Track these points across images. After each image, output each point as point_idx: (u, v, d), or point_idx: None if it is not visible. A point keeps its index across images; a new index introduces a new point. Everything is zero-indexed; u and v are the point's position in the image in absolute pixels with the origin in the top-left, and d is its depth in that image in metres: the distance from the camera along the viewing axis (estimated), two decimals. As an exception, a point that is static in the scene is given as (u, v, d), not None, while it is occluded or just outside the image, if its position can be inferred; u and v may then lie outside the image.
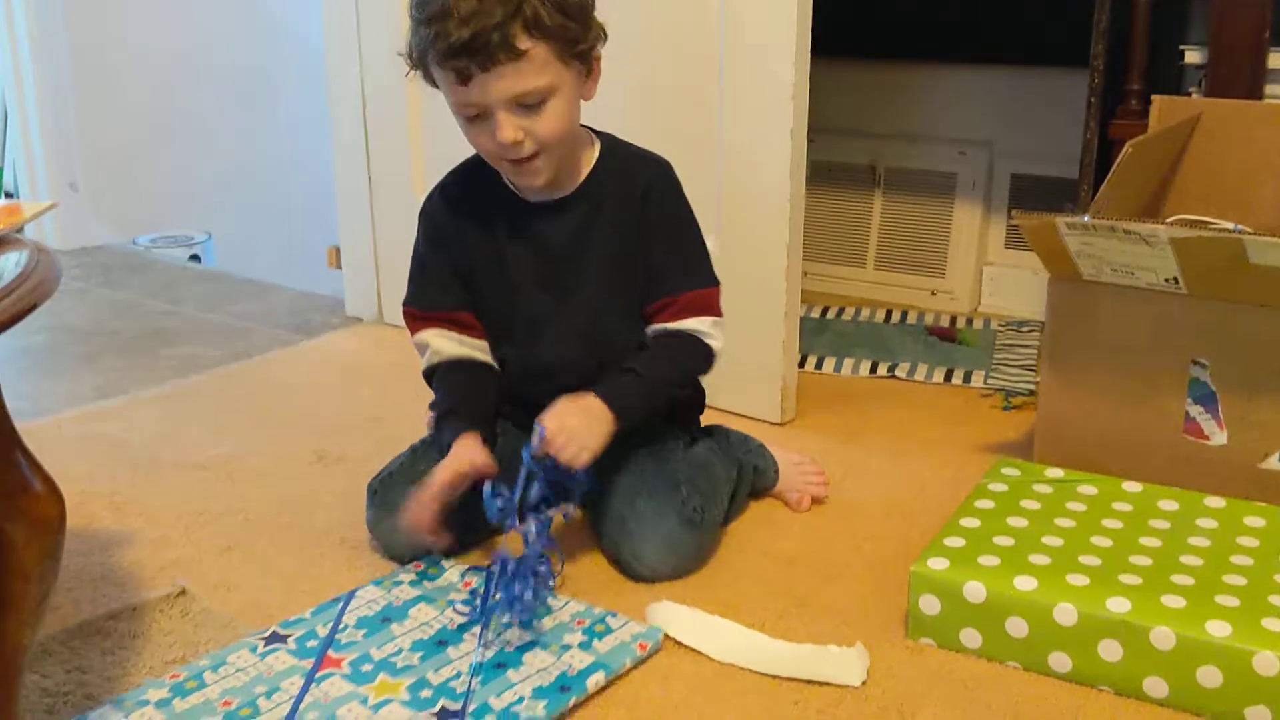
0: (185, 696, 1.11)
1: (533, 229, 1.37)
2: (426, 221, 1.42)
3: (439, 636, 1.21)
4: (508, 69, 1.21)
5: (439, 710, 1.09)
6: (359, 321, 2.29)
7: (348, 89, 2.17)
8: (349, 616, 1.24)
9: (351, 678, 1.14)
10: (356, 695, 1.12)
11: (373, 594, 1.28)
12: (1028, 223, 1.44)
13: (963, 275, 2.32)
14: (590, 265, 1.37)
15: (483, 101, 1.24)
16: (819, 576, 1.35)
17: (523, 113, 1.25)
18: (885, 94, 2.39)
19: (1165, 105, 1.71)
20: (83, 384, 2.00)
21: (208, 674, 1.14)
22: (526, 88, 1.23)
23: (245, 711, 1.09)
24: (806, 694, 1.14)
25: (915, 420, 1.80)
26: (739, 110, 1.70)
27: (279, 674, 1.15)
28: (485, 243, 1.39)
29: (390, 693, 1.12)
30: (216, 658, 1.17)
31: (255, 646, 1.19)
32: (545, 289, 1.38)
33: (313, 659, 1.17)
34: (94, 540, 1.44)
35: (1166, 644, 1.10)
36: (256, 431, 1.77)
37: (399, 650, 1.19)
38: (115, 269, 2.71)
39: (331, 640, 1.20)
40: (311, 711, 1.09)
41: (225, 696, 1.11)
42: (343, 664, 1.16)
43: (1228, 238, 1.33)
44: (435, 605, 1.27)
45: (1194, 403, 1.44)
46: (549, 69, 1.24)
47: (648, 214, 1.36)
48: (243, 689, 1.12)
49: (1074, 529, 1.27)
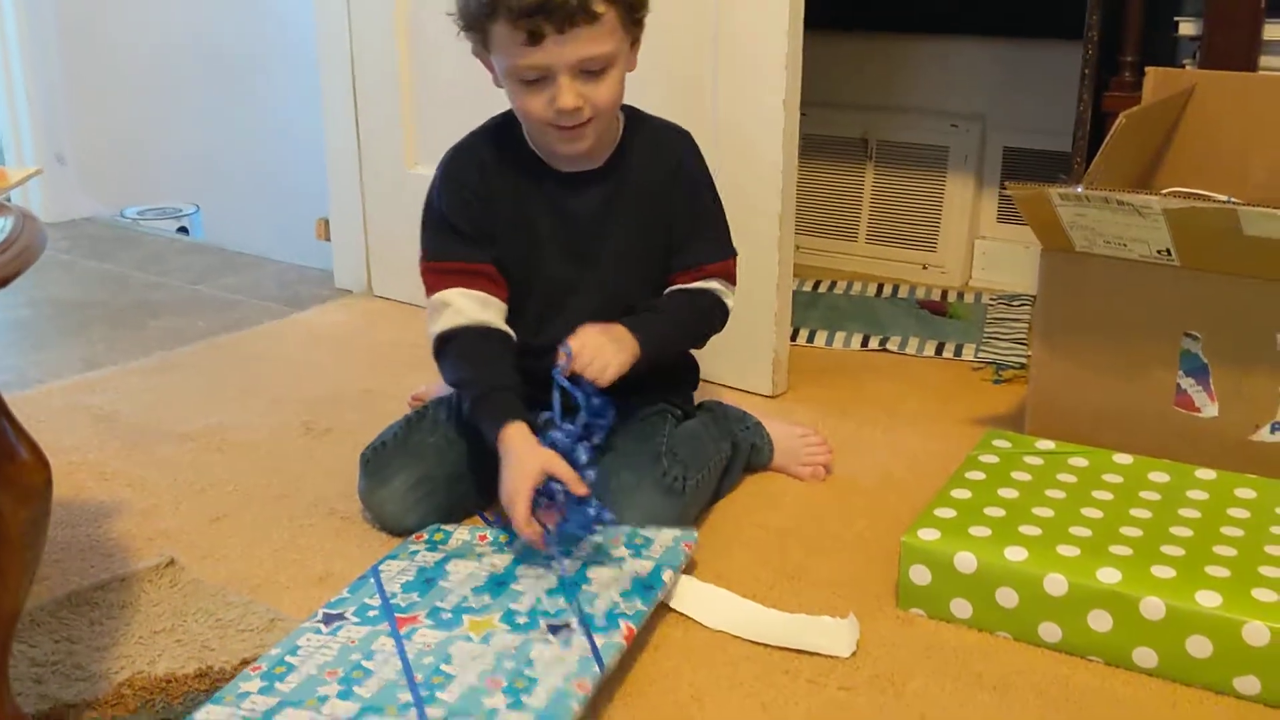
0: (283, 680, 1.06)
1: (560, 198, 1.37)
2: (450, 181, 1.38)
3: (496, 579, 1.23)
4: (582, 32, 1.22)
5: (547, 628, 1.13)
6: (348, 294, 2.28)
7: (338, 61, 2.15)
8: (389, 585, 1.22)
9: (438, 626, 1.14)
10: (457, 637, 1.12)
11: (398, 565, 1.26)
12: (1021, 193, 1.43)
13: (954, 249, 2.32)
14: (614, 235, 1.38)
15: (549, 64, 1.23)
16: (810, 548, 1.35)
17: (584, 79, 1.25)
18: (878, 67, 2.37)
19: (1159, 77, 1.70)
20: (70, 356, 1.99)
21: (288, 658, 1.09)
22: (596, 52, 1.24)
23: (357, 674, 1.07)
24: (797, 663, 1.14)
25: (906, 393, 1.80)
26: (732, 82, 1.69)
27: (363, 640, 1.12)
28: (511, 206, 1.38)
29: (487, 627, 1.14)
30: (286, 645, 1.11)
31: (318, 629, 1.14)
32: (569, 258, 1.38)
33: (385, 623, 1.15)
34: (82, 511, 1.43)
35: (1156, 614, 1.10)
36: (245, 403, 1.76)
37: (464, 597, 1.19)
38: (103, 241, 2.69)
39: (390, 604, 1.18)
40: (426, 657, 1.09)
41: (326, 669, 1.08)
42: (419, 618, 1.16)
43: (1221, 209, 1.33)
44: (468, 560, 1.27)
45: (1185, 375, 1.44)
46: (615, 35, 1.25)
47: (677, 187, 1.39)
48: (337, 659, 1.09)
49: (1064, 500, 1.27)
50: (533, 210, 1.38)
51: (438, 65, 2.01)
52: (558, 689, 1.05)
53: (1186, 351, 1.44)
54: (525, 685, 1.06)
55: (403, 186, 2.11)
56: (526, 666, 1.08)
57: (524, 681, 1.06)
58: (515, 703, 1.03)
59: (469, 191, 1.37)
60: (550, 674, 1.07)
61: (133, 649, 1.15)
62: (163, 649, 1.15)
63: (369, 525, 1.39)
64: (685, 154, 1.42)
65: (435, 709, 1.03)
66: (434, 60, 2.02)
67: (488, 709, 1.03)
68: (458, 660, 1.09)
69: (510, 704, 1.03)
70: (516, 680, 1.06)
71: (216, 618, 1.20)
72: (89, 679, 1.10)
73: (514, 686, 1.06)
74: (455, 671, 1.08)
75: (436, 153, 1.44)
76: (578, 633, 1.12)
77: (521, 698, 1.04)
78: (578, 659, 1.09)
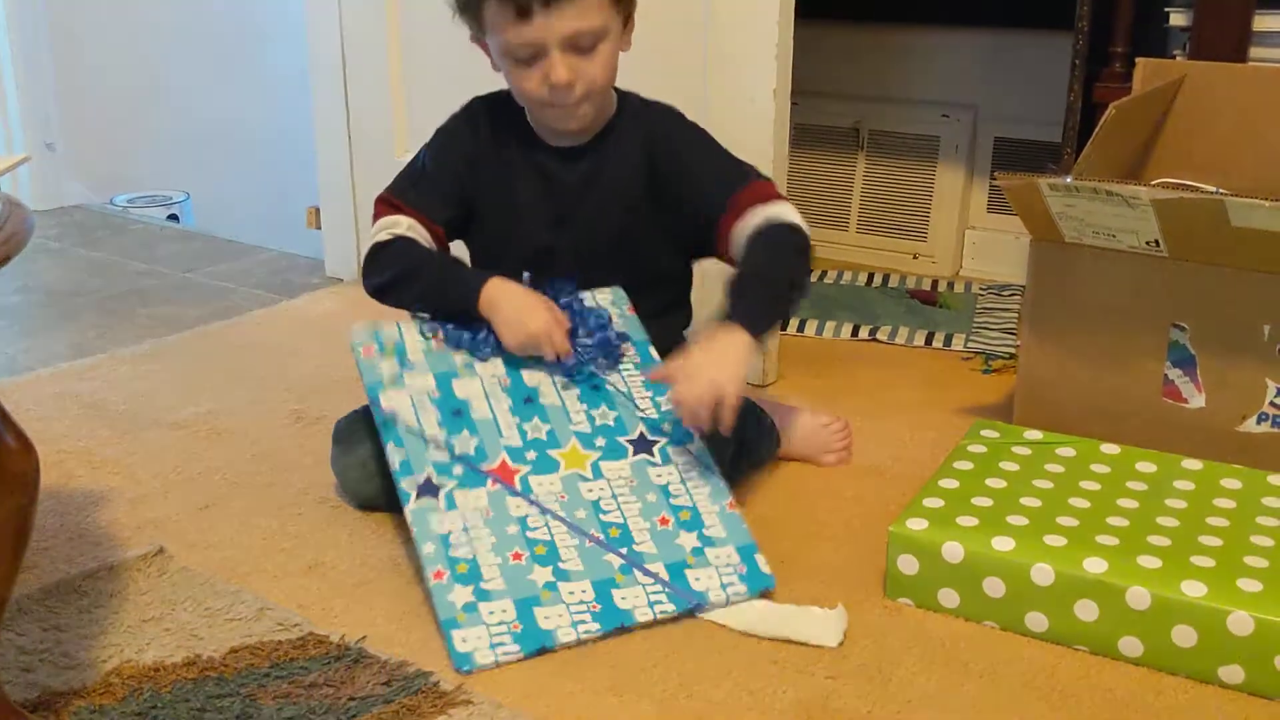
0: (482, 577, 1.16)
1: (548, 167, 1.41)
2: (443, 136, 1.44)
3: (521, 395, 1.31)
4: (569, 6, 1.25)
5: (631, 447, 1.28)
6: (339, 282, 2.28)
7: (328, 48, 2.14)
8: (426, 426, 1.27)
9: (538, 469, 1.25)
10: (570, 477, 1.25)
11: (394, 396, 1.30)
12: (1010, 183, 1.43)
13: (945, 239, 2.32)
14: (595, 208, 1.41)
15: (540, 39, 1.26)
16: (799, 537, 1.35)
17: (576, 54, 1.28)
18: (869, 57, 2.37)
19: (1149, 68, 1.70)
20: (60, 343, 1.98)
21: (454, 553, 1.18)
22: (585, 25, 1.27)
23: (540, 550, 1.19)
24: (785, 652, 1.14)
25: (896, 382, 1.80)
26: (723, 71, 1.69)
27: (494, 503, 1.22)
28: (498, 171, 1.42)
29: (580, 460, 1.26)
30: (431, 538, 1.19)
31: (432, 507, 1.21)
32: (550, 226, 1.41)
33: (488, 480, 1.24)
34: (71, 499, 1.43)
35: (1142, 604, 1.10)
36: (235, 391, 1.76)
37: (518, 427, 1.28)
38: (93, 229, 2.68)
39: (463, 458, 1.25)
40: (579, 509, 1.22)
41: (507, 551, 1.18)
42: (508, 464, 1.25)
43: (1209, 200, 1.33)
44: (464, 377, 1.33)
45: (1173, 366, 1.45)
46: (604, 10, 1.28)
47: (656, 152, 1.40)
48: (500, 538, 1.19)
49: (1052, 490, 1.27)
50: (518, 179, 1.42)
51: (428, 54, 2.01)
52: (720, 511, 1.24)
53: (1174, 342, 1.44)
54: (690, 517, 1.23)
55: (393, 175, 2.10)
56: (669, 496, 1.24)
57: (688, 513, 1.23)
58: (702, 537, 1.21)
59: (458, 148, 1.42)
60: (698, 497, 1.24)
61: (121, 637, 1.15)
62: (151, 638, 1.15)
63: (359, 514, 1.39)
64: (669, 125, 1.42)
65: (648, 561, 1.18)
66: (424, 49, 2.02)
67: (691, 548, 1.20)
68: (602, 501, 1.23)
69: (700, 539, 1.21)
70: (681, 514, 1.23)
71: (205, 606, 1.20)
72: (77, 667, 1.10)
73: (682, 520, 1.23)
74: (615, 518, 1.22)
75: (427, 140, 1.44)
76: (663, 441, 1.28)
77: (703, 531, 1.22)
78: (699, 474, 1.26)
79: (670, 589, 1.18)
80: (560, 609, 1.15)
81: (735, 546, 1.22)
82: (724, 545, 1.22)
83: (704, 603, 1.18)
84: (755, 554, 1.22)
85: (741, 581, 1.20)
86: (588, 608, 1.15)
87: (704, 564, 1.20)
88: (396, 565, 1.29)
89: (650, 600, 1.17)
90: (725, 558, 1.21)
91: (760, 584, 1.20)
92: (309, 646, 1.13)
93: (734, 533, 1.23)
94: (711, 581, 1.19)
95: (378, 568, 1.28)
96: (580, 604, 1.16)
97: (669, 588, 1.18)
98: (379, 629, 1.17)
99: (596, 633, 1.14)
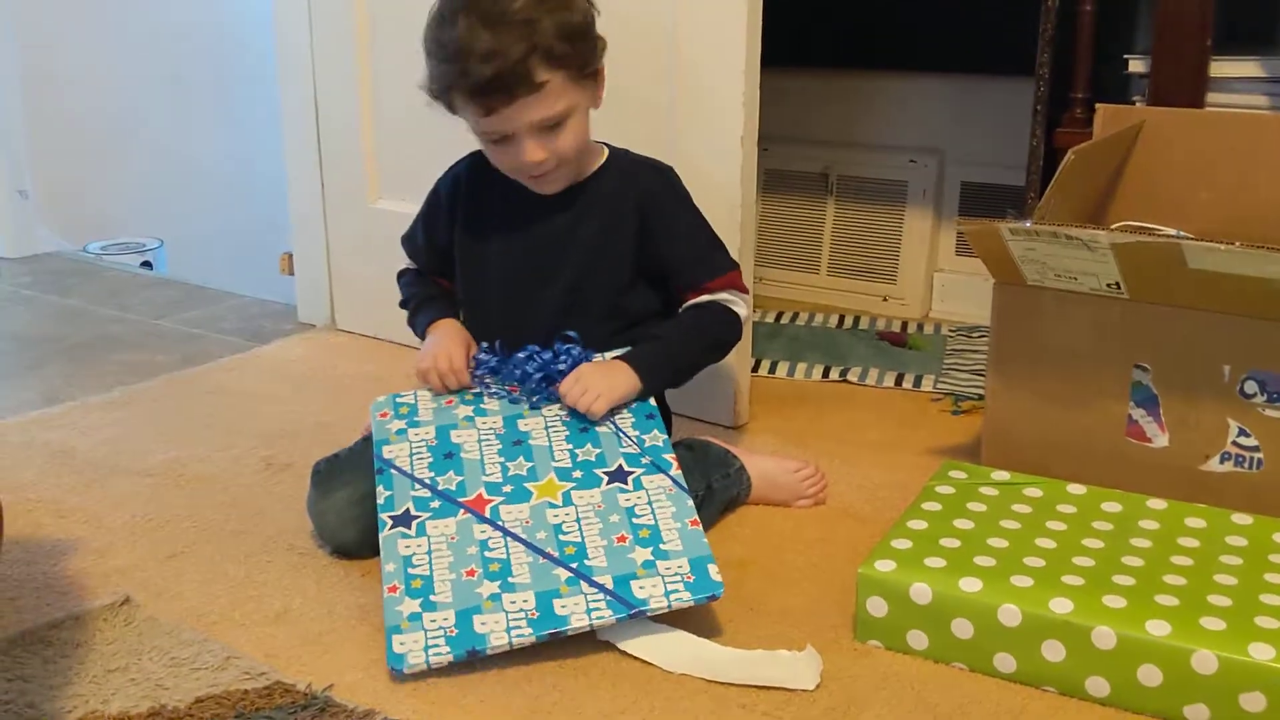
0: (433, 590, 1.20)
1: (528, 217, 1.46)
2: (431, 195, 1.55)
3: (511, 439, 1.36)
4: (530, 100, 1.31)
5: (606, 477, 1.30)
6: (311, 328, 2.28)
7: (300, 96, 2.16)
8: (417, 471, 1.33)
9: (511, 500, 1.29)
10: (539, 505, 1.28)
11: (398, 448, 1.36)
12: (972, 229, 1.45)
13: (914, 281, 2.34)
14: (573, 257, 1.45)
15: (507, 129, 1.34)
16: (768, 579, 1.35)
17: (545, 134, 1.35)
18: (838, 103, 2.41)
19: (1109, 113, 1.73)
20: (29, 390, 1.97)
21: (411, 570, 1.22)
22: (547, 114, 1.33)
23: (493, 567, 1.22)
24: (754, 697, 1.14)
25: (866, 424, 1.81)
26: (691, 120, 1.71)
27: (460, 528, 1.26)
28: (475, 221, 1.49)
29: (554, 490, 1.29)
30: (395, 558, 1.24)
31: (403, 534, 1.26)
32: (529, 274, 1.47)
33: (460, 510, 1.28)
34: (38, 548, 1.42)
35: (1108, 644, 1.11)
36: (205, 438, 1.75)
37: (502, 466, 1.33)
38: (65, 276, 2.68)
39: (444, 491, 1.31)
40: (539, 531, 1.25)
41: (460, 569, 1.22)
42: (483, 496, 1.30)
43: (1166, 243, 1.36)
44: (462, 429, 1.38)
45: (1136, 406, 1.46)
46: (566, 93, 1.34)
47: (648, 220, 1.46)
48: (457, 557, 1.23)
49: (1019, 531, 1.28)
50: (499, 226, 1.48)
51: (400, 101, 2.02)
52: (681, 528, 1.25)
53: (1137, 383, 1.46)
54: (649, 534, 1.24)
55: (366, 221, 2.11)
56: (632, 516, 1.26)
57: (647, 531, 1.24)
58: (657, 551, 1.22)
59: (431, 207, 1.53)
60: (661, 516, 1.26)
61: (86, 688, 1.14)
62: (116, 688, 1.14)
63: (327, 561, 1.39)
64: (658, 185, 1.49)
65: (596, 574, 1.20)
66: (396, 96, 2.03)
67: (642, 561, 1.21)
68: (564, 524, 1.25)
69: (654, 553, 1.22)
70: (640, 531, 1.24)
71: (171, 656, 1.19)
72: (41, 718, 1.09)
73: (640, 537, 1.23)
74: (574, 538, 1.23)
75: (399, 188, 1.47)
76: (639, 472, 1.30)
77: (659, 546, 1.23)
78: (667, 495, 1.28)
79: (611, 596, 1.19)
80: (499, 616, 1.18)
81: (689, 559, 1.22)
82: (677, 558, 1.22)
83: (645, 610, 1.18)
84: (708, 564, 1.22)
85: (687, 589, 1.19)
86: (525, 615, 1.17)
87: (653, 574, 1.21)
88: (365, 613, 1.28)
89: (589, 608, 1.18)
90: (675, 569, 1.21)
91: (706, 591, 1.20)
92: (275, 695, 1.13)
93: (690, 546, 1.24)
94: (655, 590, 1.19)
95: (345, 616, 1.28)
96: (519, 612, 1.18)
97: (610, 595, 1.19)
98: (346, 678, 1.17)
99: (529, 638, 1.16)
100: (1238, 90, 1.73)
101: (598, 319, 1.46)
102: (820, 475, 1.56)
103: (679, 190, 1.50)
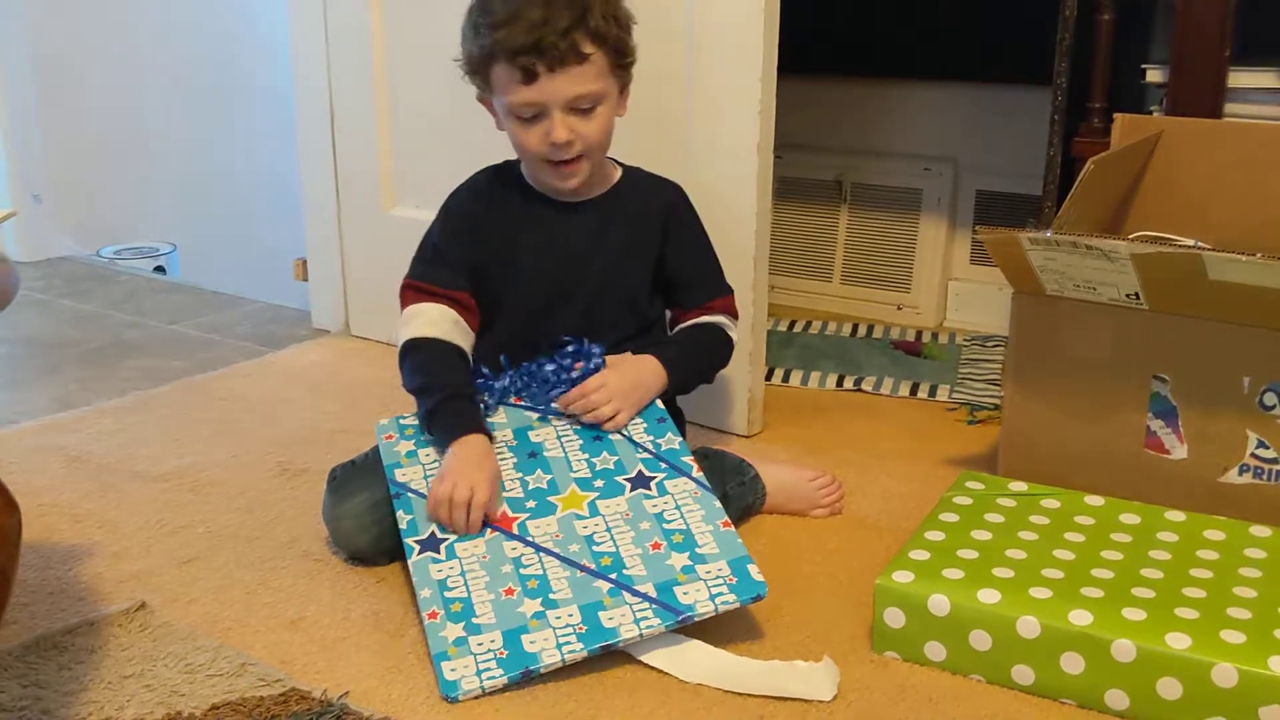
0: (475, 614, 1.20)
1: (551, 224, 1.47)
2: (447, 214, 1.50)
3: (526, 451, 1.37)
4: (572, 71, 1.34)
5: (628, 484, 1.30)
6: (325, 334, 2.28)
7: (315, 100, 2.16)
8: None
9: (537, 514, 1.29)
10: (567, 517, 1.28)
11: (410, 472, 1.36)
12: (991, 238, 1.45)
13: (928, 290, 2.34)
14: (597, 263, 1.47)
15: (543, 100, 1.35)
16: (785, 590, 1.35)
17: (576, 116, 1.37)
18: (852, 111, 2.40)
19: (1127, 123, 1.73)
20: (43, 395, 1.97)
21: (448, 594, 1.22)
22: (585, 90, 1.35)
23: (531, 584, 1.21)
24: (773, 708, 1.13)
25: (881, 433, 1.80)
26: (707, 126, 1.71)
27: (490, 547, 1.26)
28: (500, 230, 1.48)
29: (579, 500, 1.30)
30: (429, 584, 1.23)
31: (433, 558, 1.26)
32: (553, 282, 1.47)
33: (487, 529, 1.28)
34: (52, 553, 1.42)
35: (1127, 656, 1.10)
36: (219, 444, 1.75)
37: (522, 480, 1.33)
38: (79, 280, 2.68)
39: None
40: (571, 544, 1.25)
41: (499, 588, 1.22)
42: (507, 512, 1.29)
43: (1187, 253, 1.35)
44: None
45: (1155, 417, 1.46)
46: (603, 76, 1.37)
47: (669, 230, 1.50)
48: (492, 577, 1.23)
49: (1037, 542, 1.28)
50: (522, 234, 1.48)
51: (415, 107, 2.03)
52: (714, 530, 1.25)
53: (1155, 394, 1.45)
54: (683, 539, 1.24)
55: (380, 227, 2.11)
56: (663, 522, 1.26)
57: (680, 536, 1.24)
58: (694, 555, 1.22)
59: (459, 219, 1.49)
60: (692, 520, 1.26)
61: (101, 694, 1.14)
62: (131, 694, 1.14)
63: (343, 567, 1.39)
64: (678, 199, 1.54)
65: (637, 583, 1.20)
66: (412, 102, 2.03)
67: (681, 566, 1.21)
68: (595, 535, 1.25)
69: (691, 557, 1.22)
70: (674, 537, 1.24)
71: (186, 662, 1.19)
72: (56, 725, 1.09)
73: (675, 543, 1.23)
74: (609, 548, 1.23)
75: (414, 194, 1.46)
76: (661, 476, 1.31)
77: (695, 550, 1.23)
78: (693, 498, 1.28)
79: (656, 604, 1.18)
80: (547, 633, 1.17)
81: (727, 560, 1.23)
82: (715, 561, 1.23)
83: (692, 615, 1.18)
84: (748, 564, 1.22)
85: (731, 591, 1.20)
86: (574, 630, 1.17)
87: (694, 579, 1.21)
88: (379, 620, 1.28)
89: (637, 617, 1.18)
90: (716, 571, 1.21)
91: (751, 592, 1.20)
92: (291, 702, 1.12)
93: (727, 548, 1.24)
94: (700, 594, 1.19)
95: (360, 623, 1.28)
96: (566, 628, 1.17)
97: (655, 603, 1.18)
98: (362, 684, 1.16)
99: (580, 652, 1.15)
100: (1256, 101, 1.72)
101: (617, 324, 1.47)
102: (837, 484, 1.56)
103: (692, 208, 1.55)
